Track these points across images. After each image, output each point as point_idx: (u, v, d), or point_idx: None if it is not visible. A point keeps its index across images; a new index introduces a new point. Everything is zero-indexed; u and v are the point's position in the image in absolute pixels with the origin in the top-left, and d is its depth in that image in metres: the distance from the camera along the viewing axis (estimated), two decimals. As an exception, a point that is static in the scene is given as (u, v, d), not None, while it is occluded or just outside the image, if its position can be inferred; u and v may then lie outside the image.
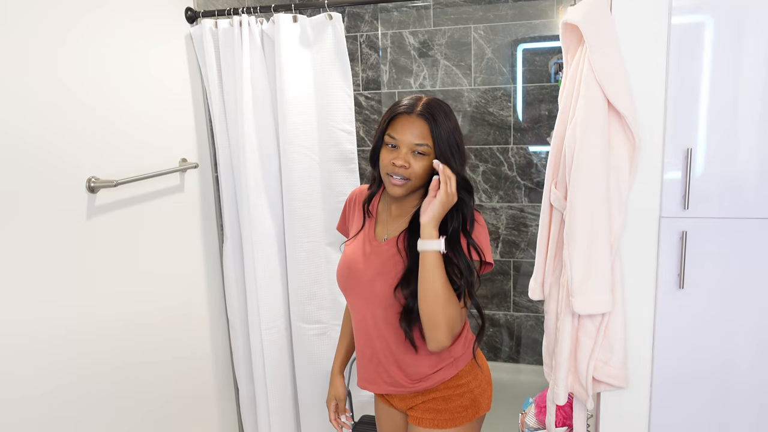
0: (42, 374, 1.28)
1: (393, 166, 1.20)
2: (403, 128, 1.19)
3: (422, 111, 1.19)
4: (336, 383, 1.50)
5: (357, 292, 1.31)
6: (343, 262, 1.34)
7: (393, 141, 1.20)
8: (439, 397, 1.32)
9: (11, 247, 1.20)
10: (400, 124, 1.20)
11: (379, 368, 1.31)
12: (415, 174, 1.20)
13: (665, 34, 1.17)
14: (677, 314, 1.27)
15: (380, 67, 2.69)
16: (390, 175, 1.21)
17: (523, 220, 2.69)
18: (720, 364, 1.27)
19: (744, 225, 1.21)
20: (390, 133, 1.21)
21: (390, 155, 1.21)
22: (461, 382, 1.33)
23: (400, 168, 1.19)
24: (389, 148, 1.22)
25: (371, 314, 1.29)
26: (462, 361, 1.33)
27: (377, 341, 1.29)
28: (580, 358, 1.28)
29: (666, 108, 1.20)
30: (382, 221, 1.35)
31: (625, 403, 1.33)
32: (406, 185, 1.21)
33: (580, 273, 1.20)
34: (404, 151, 1.19)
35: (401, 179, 1.20)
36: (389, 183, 1.22)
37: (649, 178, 1.23)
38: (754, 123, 1.17)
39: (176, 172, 1.76)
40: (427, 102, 1.21)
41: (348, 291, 1.35)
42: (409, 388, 1.31)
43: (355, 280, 1.31)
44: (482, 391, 1.36)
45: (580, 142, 1.17)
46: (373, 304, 1.28)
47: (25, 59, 1.23)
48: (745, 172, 1.19)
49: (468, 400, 1.33)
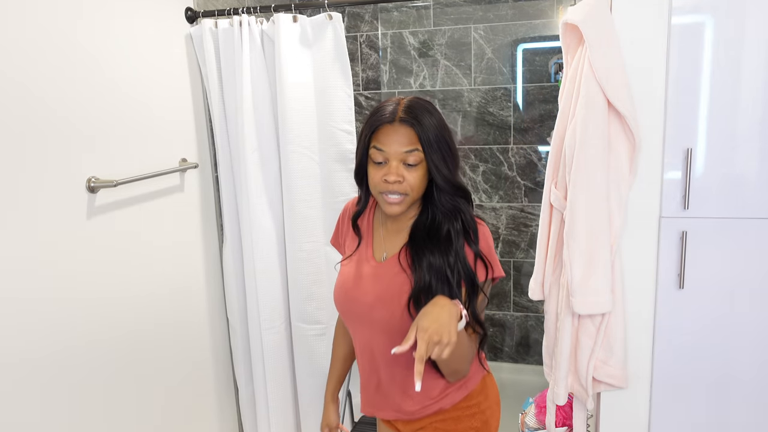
0: (42, 374, 1.27)
1: (386, 183, 1.08)
2: (388, 138, 1.08)
3: (404, 116, 1.08)
4: (329, 411, 1.38)
5: (358, 320, 1.19)
6: (340, 286, 1.22)
7: (380, 155, 1.09)
8: (448, 418, 1.21)
9: (11, 247, 1.20)
10: (384, 135, 1.08)
11: (387, 398, 1.21)
12: (412, 187, 1.09)
13: (665, 34, 1.17)
14: (677, 314, 1.26)
15: (380, 67, 2.69)
16: (384, 193, 1.10)
17: (523, 220, 2.68)
18: (720, 364, 1.27)
19: (744, 225, 1.21)
20: (375, 146, 1.09)
21: (380, 172, 1.09)
22: (472, 403, 1.22)
23: (395, 184, 1.07)
24: (377, 165, 1.10)
25: (376, 342, 1.17)
26: (473, 381, 1.22)
27: (383, 370, 1.18)
28: (580, 358, 1.28)
29: (666, 108, 1.20)
30: (379, 238, 1.22)
31: (625, 403, 1.33)
32: (404, 201, 1.10)
33: (580, 273, 1.20)
34: (395, 164, 1.08)
35: (398, 196, 1.09)
36: (385, 203, 1.11)
37: (649, 178, 1.22)
38: (754, 123, 1.17)
39: (176, 172, 1.75)
40: (408, 105, 1.09)
41: (347, 317, 1.22)
42: (419, 414, 1.20)
43: (354, 305, 1.18)
44: (492, 413, 1.26)
45: (580, 142, 1.17)
46: (376, 331, 1.16)
47: (25, 59, 1.23)
48: (745, 172, 1.19)
49: (479, 422, 1.22)
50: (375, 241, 1.23)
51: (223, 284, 2.03)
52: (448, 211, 1.13)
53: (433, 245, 1.11)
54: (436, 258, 1.10)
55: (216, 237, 2.00)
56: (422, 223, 1.16)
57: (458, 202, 1.13)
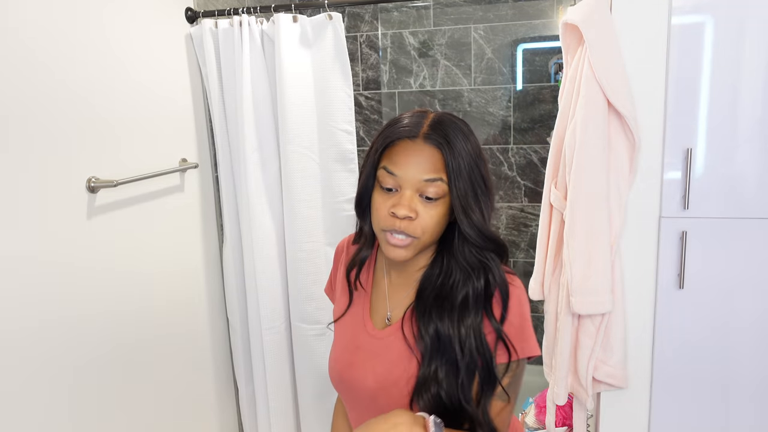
0: (42, 374, 1.27)
1: (392, 219, 0.82)
2: (405, 159, 0.81)
3: (430, 132, 0.82)
4: None
5: (359, 404, 0.93)
6: (333, 362, 0.96)
7: (391, 179, 0.82)
8: None
9: (11, 247, 1.20)
10: (399, 154, 0.82)
11: None
12: (424, 228, 0.82)
13: (665, 34, 1.17)
14: (677, 314, 1.26)
15: (380, 67, 2.69)
16: (388, 231, 0.83)
17: (523, 220, 2.69)
18: (720, 363, 1.27)
19: (744, 225, 1.21)
20: (386, 166, 0.83)
21: (387, 201, 0.83)
22: None
23: (404, 220, 0.81)
24: (384, 191, 0.84)
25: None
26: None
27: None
28: (580, 358, 1.28)
29: (666, 108, 1.19)
30: (381, 293, 0.94)
31: (625, 403, 1.33)
32: (411, 245, 0.83)
33: (580, 273, 1.20)
34: (408, 193, 0.81)
35: (404, 237, 0.82)
36: (386, 243, 0.84)
37: (649, 178, 1.22)
38: (754, 123, 1.17)
39: (176, 172, 1.76)
40: (438, 120, 0.84)
41: (345, 400, 0.98)
42: None
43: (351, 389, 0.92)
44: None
45: (580, 142, 1.17)
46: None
47: (25, 59, 1.23)
48: (745, 172, 1.19)
49: None
50: (375, 298, 0.95)
51: (223, 284, 2.03)
52: (469, 267, 0.85)
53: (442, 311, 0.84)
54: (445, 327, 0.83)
55: (216, 237, 2.00)
56: (433, 277, 0.88)
57: (487, 257, 0.86)
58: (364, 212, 0.90)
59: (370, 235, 0.92)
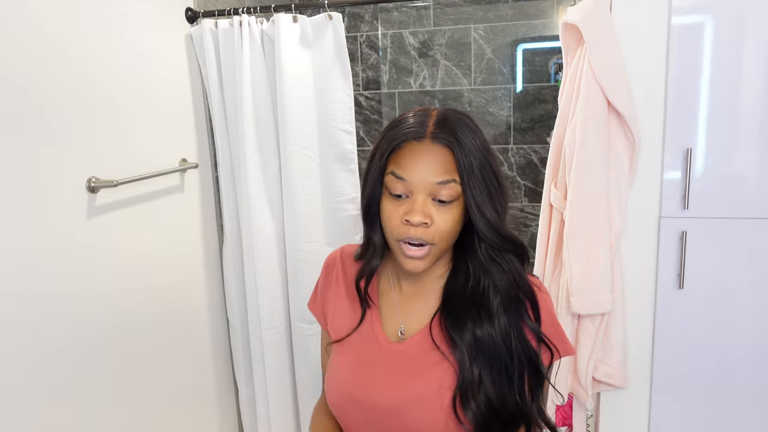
0: (41, 374, 1.27)
1: (406, 227, 0.77)
2: (414, 162, 0.77)
3: (438, 131, 0.78)
4: None
5: (372, 427, 0.85)
6: (337, 383, 0.89)
7: (401, 185, 0.78)
8: None
9: (11, 247, 1.20)
10: (407, 157, 0.78)
11: None
12: (441, 234, 0.78)
13: (665, 34, 1.17)
14: (677, 314, 1.27)
15: (380, 67, 2.69)
16: (404, 240, 0.79)
17: (523, 220, 2.69)
18: (719, 363, 1.27)
19: (744, 225, 1.21)
20: (394, 171, 0.78)
21: (399, 209, 0.78)
22: None
23: (419, 227, 0.77)
24: (394, 198, 0.80)
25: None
26: None
27: None
28: (580, 358, 1.28)
29: (666, 108, 1.20)
30: (390, 305, 0.89)
31: (625, 403, 1.33)
32: (428, 255, 0.79)
33: (579, 273, 1.20)
34: (420, 198, 0.77)
35: (421, 246, 0.78)
36: (403, 255, 0.80)
37: (649, 178, 1.23)
38: (754, 123, 1.17)
39: (176, 172, 1.75)
40: (442, 117, 0.80)
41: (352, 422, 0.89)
42: None
43: (363, 412, 0.85)
44: None
45: (580, 142, 1.17)
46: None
47: (25, 59, 1.23)
48: (745, 172, 1.19)
49: None
50: (383, 311, 0.89)
51: (223, 284, 2.03)
52: (495, 271, 0.83)
53: (480, 318, 0.80)
54: (485, 332, 0.79)
55: (216, 237, 2.00)
56: (458, 285, 0.84)
57: (507, 260, 0.83)
58: (372, 221, 0.85)
59: (381, 246, 0.86)
